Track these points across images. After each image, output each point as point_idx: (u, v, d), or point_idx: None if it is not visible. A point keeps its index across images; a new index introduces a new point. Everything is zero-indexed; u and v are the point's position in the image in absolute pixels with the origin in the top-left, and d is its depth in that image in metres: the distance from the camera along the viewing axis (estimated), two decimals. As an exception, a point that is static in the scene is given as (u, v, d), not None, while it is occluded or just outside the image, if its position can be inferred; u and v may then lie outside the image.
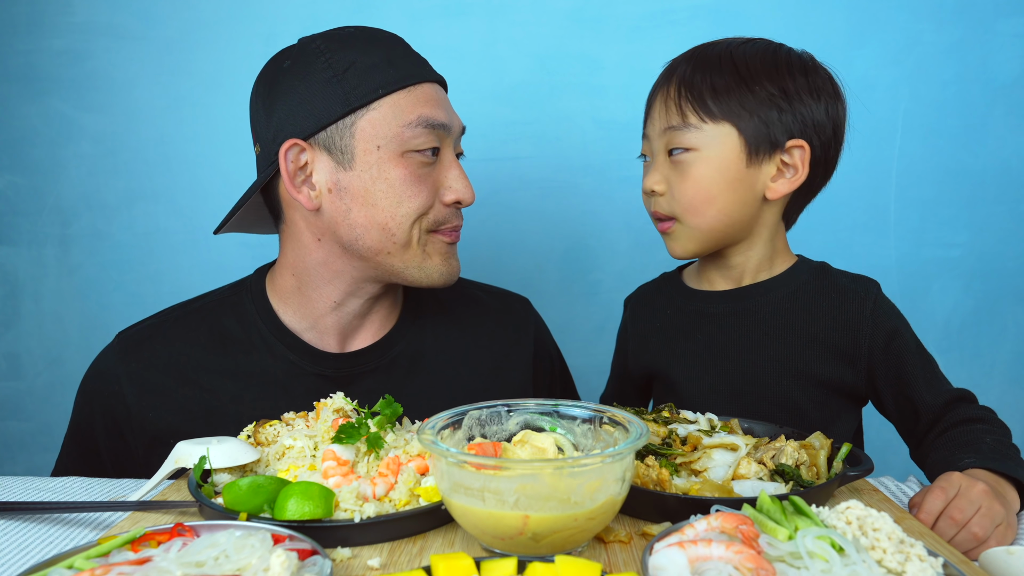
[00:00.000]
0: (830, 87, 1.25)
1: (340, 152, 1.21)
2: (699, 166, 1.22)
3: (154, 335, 1.32)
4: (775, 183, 1.23)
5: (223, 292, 1.38)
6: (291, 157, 1.21)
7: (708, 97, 1.21)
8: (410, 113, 1.22)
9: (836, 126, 1.25)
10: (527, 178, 2.04)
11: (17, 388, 2.08)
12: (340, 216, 1.23)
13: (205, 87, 2.01)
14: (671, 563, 0.71)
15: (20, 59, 1.99)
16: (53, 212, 2.04)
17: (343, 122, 1.20)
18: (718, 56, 1.24)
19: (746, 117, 1.20)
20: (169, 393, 1.28)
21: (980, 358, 2.07)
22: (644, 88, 1.79)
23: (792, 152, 1.22)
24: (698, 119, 1.21)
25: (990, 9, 1.98)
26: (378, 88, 1.21)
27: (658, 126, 1.26)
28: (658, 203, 1.27)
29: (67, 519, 0.98)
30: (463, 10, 1.99)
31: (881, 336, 1.21)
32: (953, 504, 0.95)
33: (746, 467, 0.98)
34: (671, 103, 1.24)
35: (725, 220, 1.24)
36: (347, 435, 0.97)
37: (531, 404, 0.99)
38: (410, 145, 1.22)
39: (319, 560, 0.76)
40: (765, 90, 1.21)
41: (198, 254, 2.05)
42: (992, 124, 2.01)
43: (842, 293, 1.25)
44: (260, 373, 1.30)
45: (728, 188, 1.22)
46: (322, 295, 1.30)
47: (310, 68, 1.21)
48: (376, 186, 1.22)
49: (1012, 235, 2.05)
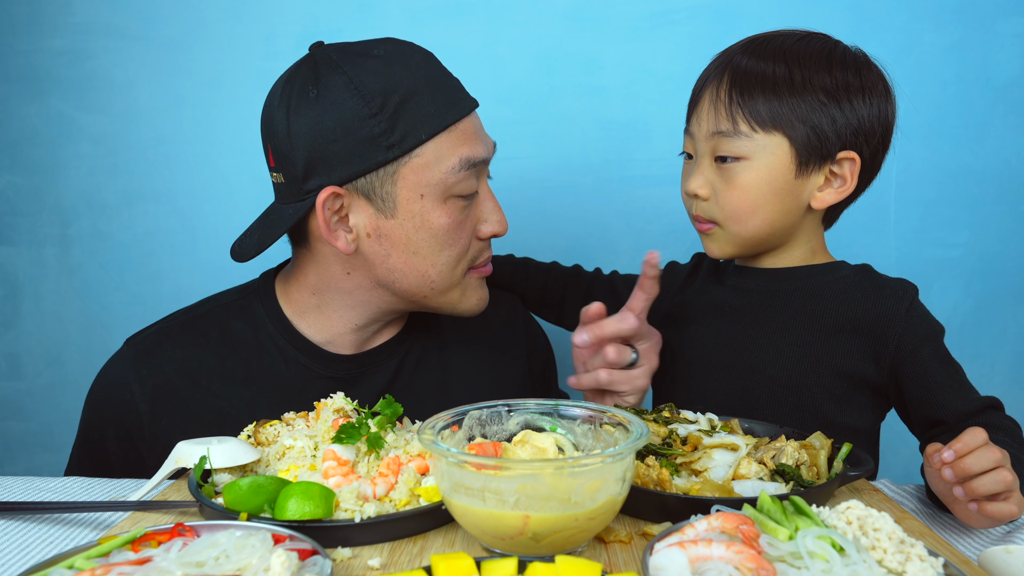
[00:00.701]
0: (881, 86, 1.23)
1: (381, 200, 1.17)
2: (747, 175, 1.19)
3: (164, 341, 1.29)
4: (822, 192, 1.22)
5: (230, 296, 1.36)
6: (328, 204, 1.16)
7: (761, 104, 1.18)
8: (452, 156, 1.17)
9: (885, 129, 1.23)
10: (527, 178, 2.04)
11: (17, 388, 2.08)
12: (378, 260, 1.20)
13: (205, 87, 2.00)
14: (671, 563, 0.71)
15: (20, 59, 1.99)
16: (53, 212, 2.04)
17: (384, 170, 1.15)
18: (772, 55, 1.21)
19: (798, 127, 1.18)
20: (182, 400, 1.25)
21: (980, 358, 2.07)
22: (644, 88, 1.79)
23: (842, 163, 1.21)
24: (749, 127, 1.18)
25: (990, 9, 1.97)
26: (421, 133, 1.15)
27: (705, 128, 1.22)
28: (700, 207, 1.25)
29: (67, 519, 0.98)
30: (463, 10, 1.98)
31: (911, 338, 1.19)
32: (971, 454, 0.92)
33: (746, 467, 0.98)
34: (721, 106, 1.20)
35: (767, 229, 1.23)
36: (347, 435, 0.97)
37: (531, 404, 0.99)
38: (453, 191, 1.18)
39: (319, 560, 0.76)
40: (818, 99, 1.18)
41: (198, 254, 2.05)
42: (992, 124, 2.01)
43: (879, 289, 1.24)
44: (273, 378, 1.28)
45: (775, 198, 1.20)
46: (343, 317, 1.28)
47: (343, 104, 1.13)
48: (419, 235, 1.18)
49: (1012, 235, 2.05)
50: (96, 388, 1.31)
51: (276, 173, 1.22)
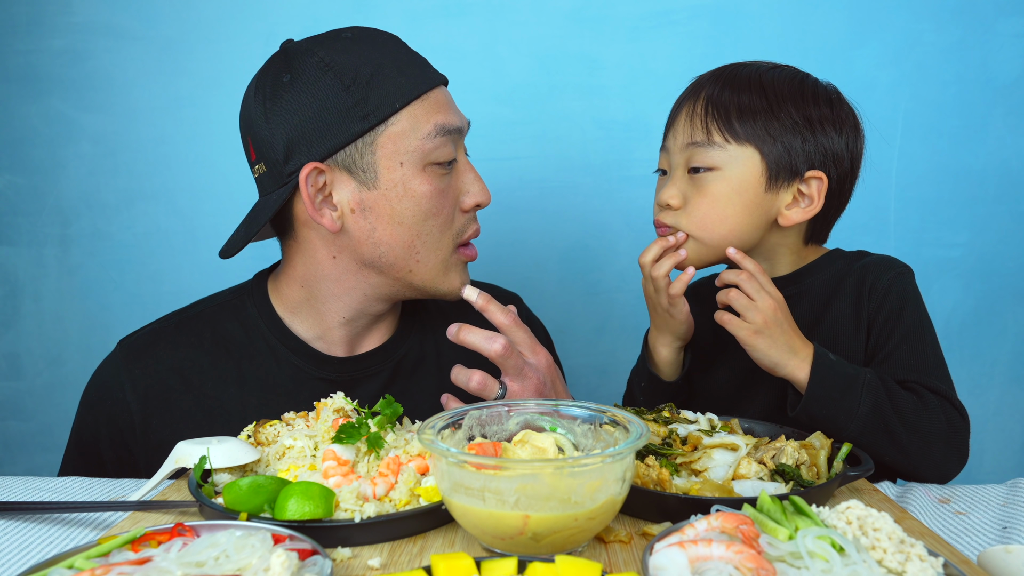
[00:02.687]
0: (852, 120, 1.27)
1: (362, 171, 1.18)
2: (718, 184, 1.23)
3: (156, 341, 1.30)
4: (789, 211, 1.25)
5: (223, 296, 1.36)
6: (311, 181, 1.17)
7: (734, 117, 1.22)
8: (426, 123, 1.19)
9: (854, 160, 1.27)
10: (527, 178, 2.04)
11: (17, 388, 2.08)
12: (364, 235, 1.20)
13: (205, 87, 2.00)
14: (671, 563, 0.71)
15: (20, 59, 1.99)
16: (53, 212, 2.04)
17: (363, 140, 1.17)
18: (747, 78, 1.26)
19: (770, 142, 1.22)
20: (173, 400, 1.26)
21: (980, 358, 2.07)
22: (644, 88, 1.79)
23: (810, 183, 1.24)
24: (723, 138, 1.23)
25: (990, 9, 1.98)
26: (395, 102, 1.17)
27: (680, 140, 1.27)
28: (669, 216, 1.27)
29: (67, 519, 0.98)
30: (463, 10, 1.99)
31: (884, 310, 1.22)
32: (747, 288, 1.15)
33: (746, 467, 0.98)
34: (697, 119, 1.25)
35: (733, 240, 1.25)
36: (347, 435, 0.97)
37: (531, 404, 0.99)
38: (431, 158, 1.20)
39: (319, 560, 0.76)
40: (791, 117, 1.22)
41: (198, 254, 2.05)
42: (992, 124, 2.01)
43: (866, 268, 1.26)
44: (264, 378, 1.28)
45: (743, 210, 1.24)
46: (332, 308, 1.28)
47: (317, 83, 1.17)
48: (402, 204, 1.19)
49: (1012, 235, 2.05)
50: (89, 389, 1.31)
51: (258, 165, 1.23)
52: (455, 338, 1.19)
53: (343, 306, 1.28)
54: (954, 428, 1.14)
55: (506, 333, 1.20)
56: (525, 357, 1.21)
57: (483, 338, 1.17)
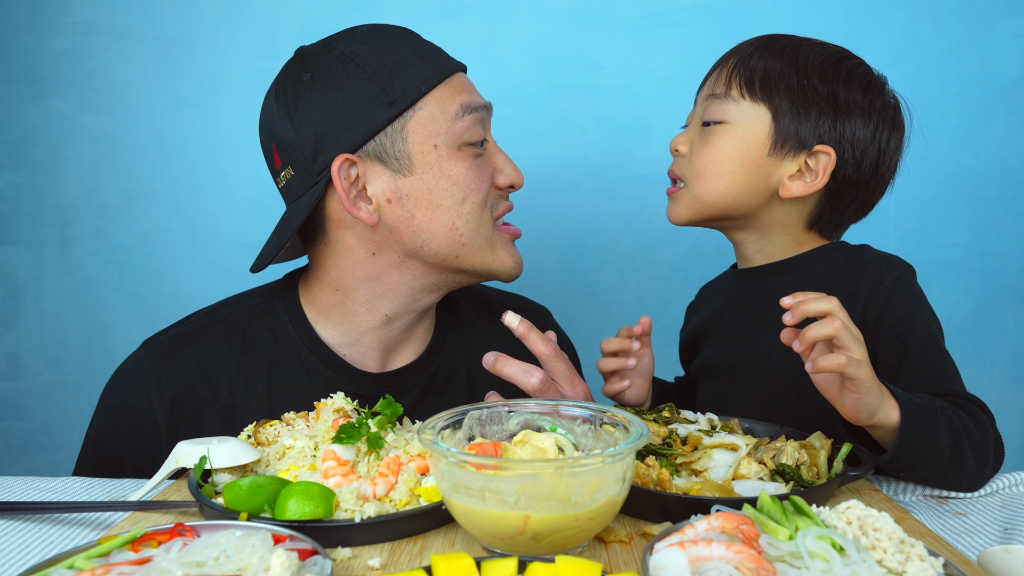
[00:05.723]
0: (890, 115, 1.23)
1: (395, 159, 1.17)
2: (723, 138, 1.23)
3: (183, 345, 1.24)
4: (791, 182, 1.23)
5: (251, 299, 1.30)
6: (343, 173, 1.15)
7: (757, 76, 1.22)
8: (452, 104, 1.19)
9: (881, 153, 1.23)
10: (527, 178, 2.03)
11: (17, 388, 2.08)
12: (403, 225, 1.18)
13: (205, 87, 2.00)
14: (672, 563, 0.71)
15: (20, 59, 1.99)
16: (53, 212, 2.04)
17: (392, 127, 1.16)
18: (784, 46, 1.25)
19: (785, 106, 1.21)
20: (201, 409, 1.21)
21: (980, 358, 2.07)
22: (644, 88, 1.79)
23: (818, 157, 1.21)
24: (739, 93, 1.23)
25: (990, 9, 1.98)
26: (420, 86, 1.17)
27: (705, 92, 1.28)
28: (678, 164, 1.29)
29: (67, 519, 0.98)
30: (463, 10, 1.99)
31: (890, 316, 1.14)
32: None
33: (746, 467, 0.98)
34: (723, 74, 1.26)
35: (728, 198, 1.24)
36: (347, 435, 0.97)
37: (531, 404, 0.99)
38: (463, 138, 1.19)
39: (319, 560, 0.76)
40: (815, 90, 1.21)
41: (198, 254, 2.05)
42: (992, 124, 2.01)
43: (865, 267, 1.21)
44: (295, 391, 1.24)
45: (742, 168, 1.22)
46: (371, 310, 1.24)
47: (340, 75, 1.16)
48: (439, 186, 1.18)
49: (1012, 235, 2.05)
50: (111, 393, 1.26)
51: (285, 170, 1.20)
52: (492, 368, 1.16)
53: (384, 304, 1.24)
54: (996, 433, 1.08)
55: (545, 364, 1.18)
56: (563, 390, 1.18)
57: (521, 371, 1.14)
